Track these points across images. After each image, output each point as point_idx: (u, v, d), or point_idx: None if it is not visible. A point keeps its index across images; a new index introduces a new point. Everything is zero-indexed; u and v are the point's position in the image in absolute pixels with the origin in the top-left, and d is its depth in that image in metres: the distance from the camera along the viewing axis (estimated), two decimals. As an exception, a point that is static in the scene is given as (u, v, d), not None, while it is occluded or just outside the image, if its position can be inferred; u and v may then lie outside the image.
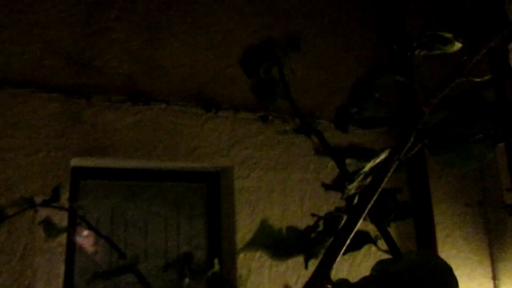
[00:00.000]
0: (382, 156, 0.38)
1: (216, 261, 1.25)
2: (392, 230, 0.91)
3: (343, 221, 0.35)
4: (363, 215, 0.35)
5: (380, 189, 0.36)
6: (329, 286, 0.35)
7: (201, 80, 2.85)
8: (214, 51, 2.93)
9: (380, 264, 0.32)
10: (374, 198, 0.35)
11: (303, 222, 0.64)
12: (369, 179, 0.40)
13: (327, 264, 0.35)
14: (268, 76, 0.96)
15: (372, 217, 0.87)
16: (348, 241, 0.35)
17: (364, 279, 0.32)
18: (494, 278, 3.41)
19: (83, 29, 2.61)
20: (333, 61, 3.28)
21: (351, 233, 0.35)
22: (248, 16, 3.09)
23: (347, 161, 0.63)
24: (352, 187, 0.42)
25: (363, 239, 0.78)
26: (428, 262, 0.30)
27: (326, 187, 0.84)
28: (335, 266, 0.38)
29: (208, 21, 2.97)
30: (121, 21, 2.72)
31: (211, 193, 2.94)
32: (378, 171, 0.36)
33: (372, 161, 0.40)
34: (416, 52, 0.50)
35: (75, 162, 2.46)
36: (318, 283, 0.35)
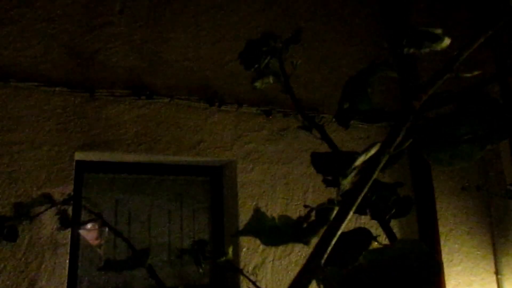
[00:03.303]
0: (373, 151, 0.39)
1: (230, 249, 1.32)
2: (394, 225, 0.91)
3: (334, 213, 0.36)
4: (354, 207, 0.36)
5: (370, 182, 0.36)
6: (321, 275, 0.36)
7: (205, 74, 2.85)
8: (218, 45, 2.93)
9: (368, 253, 0.33)
10: (365, 190, 0.36)
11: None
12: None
13: (318, 254, 0.36)
14: (268, 69, 0.96)
15: (373, 213, 0.87)
16: (339, 232, 0.36)
17: (353, 267, 0.33)
18: (497, 272, 3.41)
19: (87, 23, 2.62)
20: (336, 56, 3.28)
21: (341, 225, 0.36)
22: (252, 10, 3.09)
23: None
24: (346, 182, 0.43)
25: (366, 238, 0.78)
26: (413, 251, 0.31)
27: (327, 183, 0.85)
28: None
29: (212, 15, 2.97)
30: (124, 14, 2.72)
31: (214, 187, 2.95)
32: (369, 165, 0.37)
33: (364, 155, 0.41)
34: (405, 50, 0.50)
35: (79, 155, 2.48)
36: (310, 273, 0.36)
